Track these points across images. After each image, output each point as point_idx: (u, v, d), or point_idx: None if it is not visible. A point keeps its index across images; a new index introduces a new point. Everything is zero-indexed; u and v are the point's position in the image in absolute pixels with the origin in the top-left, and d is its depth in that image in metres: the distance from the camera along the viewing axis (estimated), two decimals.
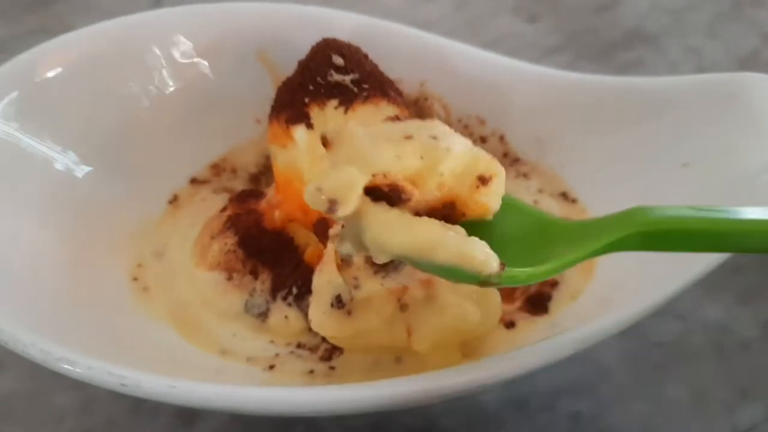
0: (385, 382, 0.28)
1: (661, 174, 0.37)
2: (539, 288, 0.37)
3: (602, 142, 0.40)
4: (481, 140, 0.43)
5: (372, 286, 0.32)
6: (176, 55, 0.42)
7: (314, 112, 0.37)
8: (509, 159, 0.43)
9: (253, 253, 0.38)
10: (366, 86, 0.37)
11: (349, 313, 0.32)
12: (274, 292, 0.37)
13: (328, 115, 0.37)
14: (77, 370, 0.27)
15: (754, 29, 0.60)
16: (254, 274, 0.38)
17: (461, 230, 0.26)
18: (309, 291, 0.33)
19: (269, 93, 0.40)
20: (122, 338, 0.34)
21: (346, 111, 0.37)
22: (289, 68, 0.39)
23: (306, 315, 0.34)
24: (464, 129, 0.43)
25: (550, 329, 0.35)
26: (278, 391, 0.29)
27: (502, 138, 0.43)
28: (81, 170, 0.39)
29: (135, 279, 0.38)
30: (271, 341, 0.36)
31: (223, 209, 0.40)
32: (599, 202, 0.39)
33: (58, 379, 0.28)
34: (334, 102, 0.37)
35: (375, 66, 0.40)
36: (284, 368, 0.35)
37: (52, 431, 0.35)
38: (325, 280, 0.33)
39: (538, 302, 0.36)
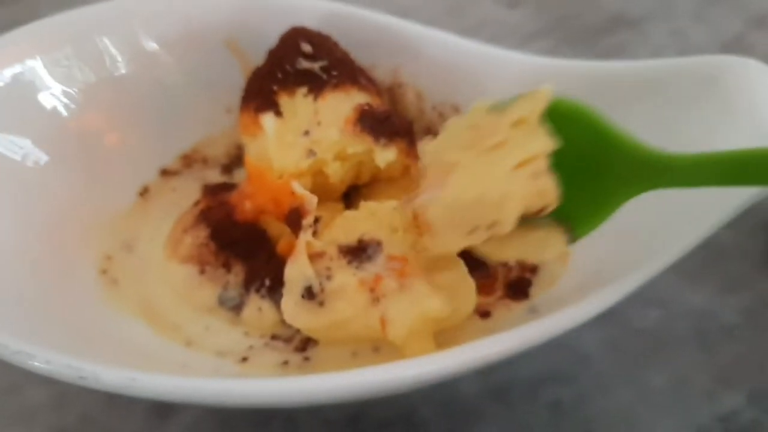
0: (353, 372, 0.27)
1: None
2: (519, 274, 0.36)
3: None
4: None
5: (344, 277, 0.32)
6: (143, 43, 0.41)
7: (283, 100, 0.37)
8: None
9: (225, 246, 0.37)
10: (335, 73, 0.37)
11: (321, 304, 0.32)
12: (247, 285, 0.36)
13: (297, 103, 0.37)
14: (35, 363, 0.26)
15: (738, 13, 0.59)
16: (227, 267, 0.37)
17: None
18: (282, 283, 0.33)
19: (239, 82, 0.39)
20: (89, 332, 0.33)
21: (315, 98, 0.37)
22: (260, 57, 0.39)
23: (279, 307, 0.33)
24: (439, 117, 0.43)
25: (527, 316, 0.34)
26: (240, 383, 0.28)
27: None
28: (44, 161, 0.38)
29: (104, 271, 0.37)
30: (246, 333, 0.36)
31: (196, 203, 0.40)
32: None
33: (30, 374, 0.27)
34: (303, 89, 0.37)
35: (346, 54, 0.39)
36: (257, 360, 0.34)
37: (25, 428, 0.35)
38: (297, 271, 0.32)
39: (518, 288, 0.36)
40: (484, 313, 0.35)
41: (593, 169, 0.29)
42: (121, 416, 0.35)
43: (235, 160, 0.43)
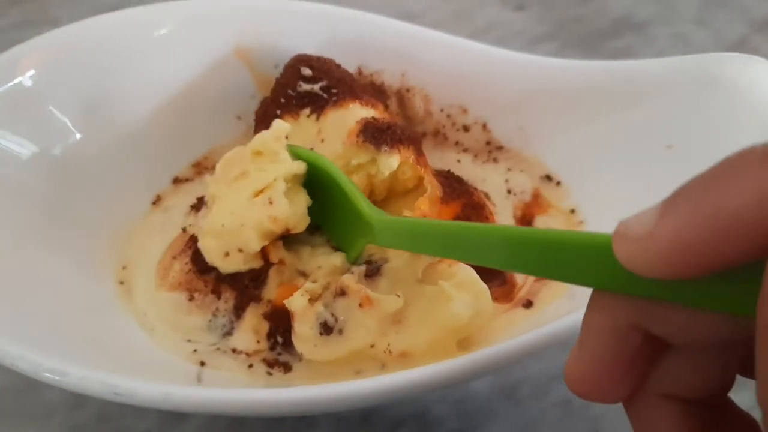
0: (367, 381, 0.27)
1: (646, 156, 0.36)
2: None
3: (585, 126, 0.40)
4: (464, 129, 0.43)
5: (352, 301, 0.32)
6: (152, 54, 0.41)
7: (288, 123, 0.37)
8: (492, 146, 0.43)
9: (205, 270, 0.36)
10: (335, 91, 0.38)
11: (340, 332, 0.32)
12: (237, 311, 0.36)
13: (302, 124, 0.38)
14: (69, 381, 0.26)
15: (742, 16, 0.60)
16: (217, 293, 0.36)
17: None
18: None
19: (250, 90, 0.40)
20: (111, 343, 0.34)
21: (318, 117, 0.37)
22: (269, 64, 0.39)
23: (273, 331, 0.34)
24: (447, 119, 0.43)
25: (568, 303, 0.34)
26: (269, 393, 0.28)
27: (484, 126, 0.43)
28: (61, 170, 0.39)
29: (121, 282, 0.38)
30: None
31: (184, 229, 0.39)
32: (584, 185, 0.39)
33: None
34: (306, 111, 0.38)
35: (346, 73, 0.40)
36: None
37: (43, 427, 0.35)
38: (306, 327, 0.32)
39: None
40: (527, 303, 0.35)
41: (339, 213, 0.34)
42: (136, 415, 0.35)
43: None
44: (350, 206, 0.33)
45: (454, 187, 0.38)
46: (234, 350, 0.34)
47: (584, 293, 0.20)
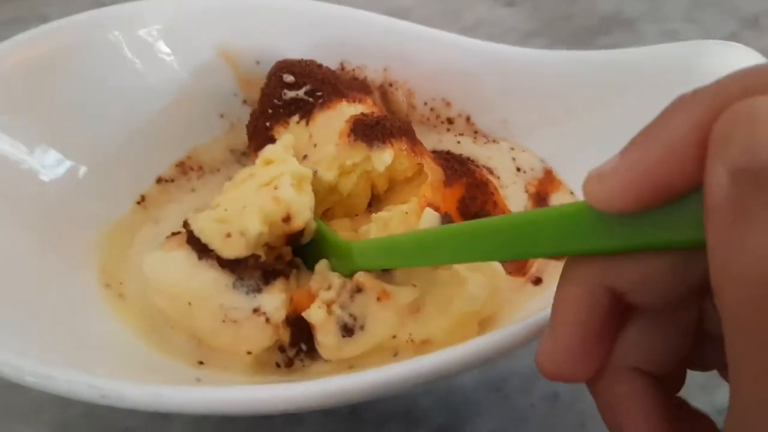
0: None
1: None
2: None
3: (569, 116, 0.40)
4: (449, 121, 0.43)
5: (368, 296, 0.32)
6: (134, 51, 0.41)
7: (279, 133, 0.38)
8: (478, 136, 0.43)
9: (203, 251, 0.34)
10: (320, 93, 0.38)
11: (362, 327, 0.32)
12: (266, 278, 0.34)
13: (293, 132, 0.37)
14: (54, 385, 0.26)
15: (731, 13, 0.60)
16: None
17: None
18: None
19: (233, 88, 0.40)
20: (97, 346, 0.33)
21: (307, 123, 0.37)
22: (251, 61, 0.39)
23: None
24: (431, 112, 0.43)
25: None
26: (264, 390, 0.27)
27: (468, 119, 0.43)
28: (43, 171, 0.38)
29: (107, 285, 0.37)
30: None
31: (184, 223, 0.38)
32: (573, 172, 0.39)
33: None
34: (295, 118, 0.38)
35: (330, 72, 0.40)
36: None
37: (31, 424, 0.35)
38: (323, 323, 0.32)
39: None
40: (536, 280, 0.36)
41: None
42: (124, 413, 0.35)
43: (229, 166, 0.43)
44: (327, 243, 0.34)
45: (455, 168, 0.38)
46: (257, 310, 0.32)
47: None
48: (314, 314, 0.32)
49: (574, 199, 0.39)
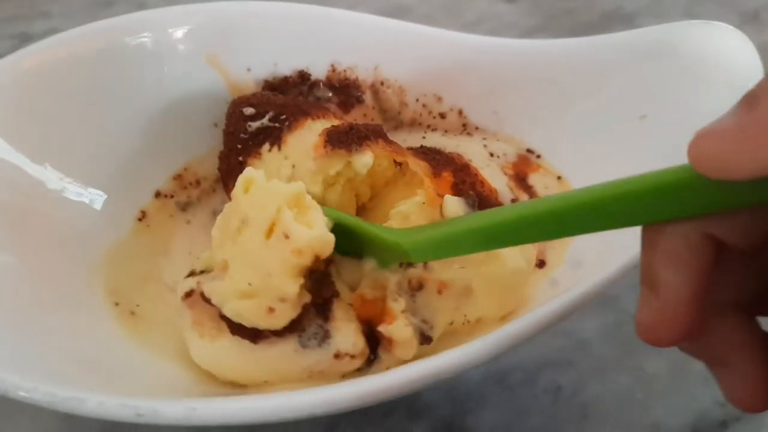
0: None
1: (620, 128, 0.37)
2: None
3: (559, 103, 0.40)
4: (441, 116, 0.44)
5: (431, 295, 0.32)
6: (128, 62, 0.41)
7: (256, 166, 0.37)
8: (469, 128, 0.44)
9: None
10: (284, 117, 0.38)
11: (432, 327, 0.32)
12: (323, 311, 0.32)
13: (267, 161, 0.37)
14: (88, 407, 0.25)
15: (731, 8, 0.61)
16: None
17: None
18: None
19: (225, 95, 0.40)
20: (112, 365, 0.33)
21: (279, 148, 0.37)
22: (242, 68, 0.39)
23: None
24: (423, 108, 0.44)
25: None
26: (304, 394, 0.27)
27: (460, 112, 0.43)
28: (41, 190, 0.37)
29: (116, 304, 0.36)
30: None
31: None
32: (565, 159, 0.40)
33: None
34: (266, 146, 0.37)
35: (287, 97, 0.40)
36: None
37: (34, 417, 0.35)
38: (408, 335, 0.32)
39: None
40: (540, 263, 0.36)
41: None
42: None
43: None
44: (376, 244, 0.32)
45: (436, 159, 0.39)
46: (338, 355, 0.31)
47: None
48: (398, 331, 0.31)
49: (559, 183, 0.40)
